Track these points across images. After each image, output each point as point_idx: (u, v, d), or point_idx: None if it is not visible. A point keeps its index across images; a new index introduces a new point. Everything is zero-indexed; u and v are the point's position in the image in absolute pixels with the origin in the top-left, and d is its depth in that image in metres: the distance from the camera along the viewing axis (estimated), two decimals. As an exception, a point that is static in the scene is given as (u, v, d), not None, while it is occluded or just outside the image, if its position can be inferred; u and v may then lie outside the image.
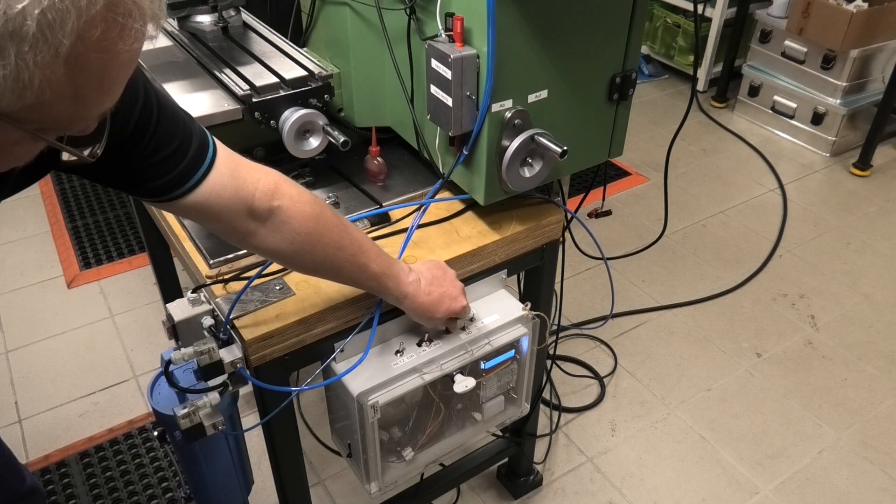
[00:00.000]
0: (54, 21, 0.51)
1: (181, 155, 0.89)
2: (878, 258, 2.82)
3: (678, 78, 4.08)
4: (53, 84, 0.54)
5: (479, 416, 1.39)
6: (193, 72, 1.41)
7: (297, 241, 1.01)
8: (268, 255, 1.06)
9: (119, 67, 0.59)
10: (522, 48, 1.15)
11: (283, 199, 0.99)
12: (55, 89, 0.55)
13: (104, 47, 0.55)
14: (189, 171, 0.90)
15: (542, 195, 1.39)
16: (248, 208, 0.97)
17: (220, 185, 0.93)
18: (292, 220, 1.00)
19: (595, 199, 1.65)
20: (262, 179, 0.98)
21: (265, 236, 1.00)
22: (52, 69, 0.53)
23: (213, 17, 1.54)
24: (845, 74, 3.29)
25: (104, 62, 0.57)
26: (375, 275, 1.10)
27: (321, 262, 1.06)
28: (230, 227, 0.98)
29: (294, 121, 1.28)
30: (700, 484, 1.98)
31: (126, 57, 0.59)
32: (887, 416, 2.18)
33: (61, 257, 2.73)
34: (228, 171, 0.94)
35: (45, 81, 0.54)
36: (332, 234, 1.04)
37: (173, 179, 0.89)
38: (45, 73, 0.53)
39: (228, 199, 0.94)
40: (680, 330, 2.47)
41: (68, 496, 1.91)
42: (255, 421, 1.41)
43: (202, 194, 0.92)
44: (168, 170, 0.88)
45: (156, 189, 0.90)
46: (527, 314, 1.32)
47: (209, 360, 1.09)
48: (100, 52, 0.56)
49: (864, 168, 3.32)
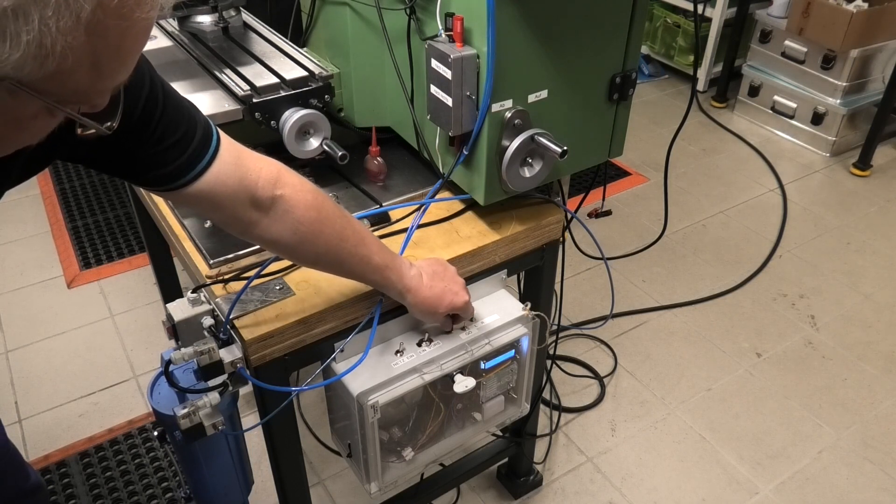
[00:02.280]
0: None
1: (186, 143, 0.89)
2: (878, 258, 2.82)
3: (678, 78, 4.08)
4: (74, 51, 0.55)
5: (479, 416, 1.39)
6: (194, 72, 1.41)
7: (301, 230, 1.01)
8: (271, 245, 1.05)
9: (135, 36, 0.60)
10: (522, 48, 1.15)
11: (285, 188, 0.99)
12: (76, 56, 0.55)
13: (123, 14, 0.56)
14: (194, 159, 0.90)
15: (542, 195, 1.39)
16: (251, 197, 0.97)
17: (225, 173, 0.93)
18: (295, 209, 1.00)
19: (595, 199, 1.65)
20: (265, 168, 0.98)
21: (268, 225, 1.00)
22: (74, 35, 0.54)
23: (214, 18, 1.55)
24: (845, 74, 3.29)
25: (122, 29, 0.58)
26: (378, 267, 1.10)
27: (324, 253, 1.05)
28: (233, 216, 0.98)
29: (294, 121, 1.28)
30: (700, 484, 1.98)
31: (142, 25, 0.59)
32: (887, 416, 2.18)
33: (61, 257, 2.73)
34: (232, 159, 0.94)
35: (67, 48, 0.54)
36: (334, 224, 1.04)
37: (179, 167, 0.89)
38: (67, 38, 0.54)
39: (233, 188, 0.94)
40: (680, 330, 2.47)
41: (68, 496, 1.91)
42: (255, 421, 1.41)
43: (207, 182, 0.92)
44: (174, 158, 0.88)
45: (162, 177, 0.90)
46: (527, 314, 1.32)
47: (209, 360, 1.09)
48: (118, 18, 0.56)
49: (864, 168, 3.32)
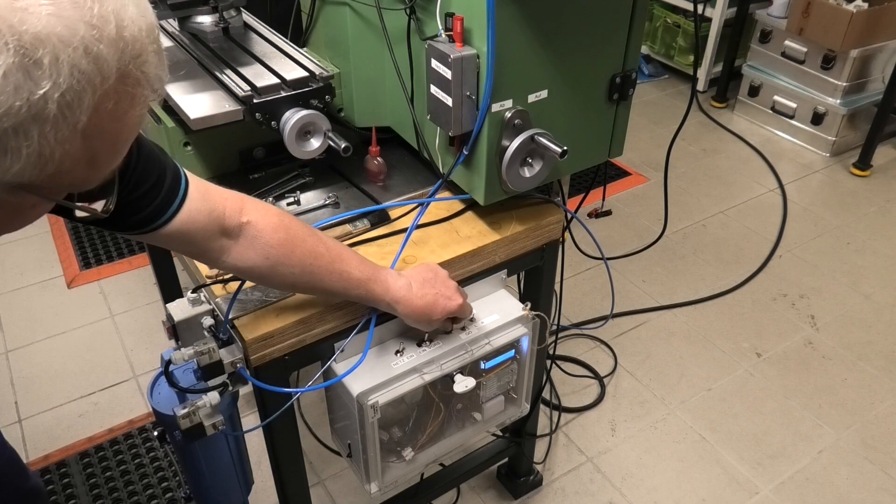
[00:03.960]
0: (73, 101, 0.54)
1: (158, 187, 0.91)
2: (878, 258, 2.82)
3: (678, 78, 4.08)
4: (72, 155, 0.58)
5: (479, 416, 1.39)
6: (194, 73, 1.41)
7: (272, 253, 1.02)
8: (245, 273, 1.07)
9: (130, 130, 0.63)
10: (522, 48, 1.15)
11: (251, 214, 1.02)
12: (73, 159, 0.58)
13: (117, 117, 0.59)
14: (167, 202, 0.93)
15: (542, 195, 1.39)
16: (220, 227, 0.99)
17: (196, 209, 0.96)
18: (263, 234, 1.02)
19: (595, 199, 1.65)
20: (230, 199, 1.01)
21: (240, 253, 1.02)
22: (71, 142, 0.57)
23: (214, 18, 1.54)
24: (845, 74, 3.29)
25: (117, 129, 0.61)
26: (360, 281, 1.09)
27: (299, 274, 1.05)
28: (205, 248, 1.00)
29: (295, 122, 1.28)
30: (700, 484, 1.98)
31: (136, 121, 0.62)
32: (887, 416, 2.18)
33: (61, 257, 2.73)
34: (200, 195, 0.97)
35: (65, 154, 0.57)
36: (304, 242, 1.05)
37: (153, 211, 0.92)
38: (65, 146, 0.56)
39: (203, 222, 0.97)
40: (680, 330, 2.47)
41: (68, 496, 1.91)
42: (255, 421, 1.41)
43: (181, 221, 0.95)
44: (148, 203, 0.91)
45: (137, 223, 0.92)
46: (527, 314, 1.32)
47: (209, 360, 1.09)
48: (114, 121, 0.59)
49: (864, 168, 3.32)
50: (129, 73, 0.58)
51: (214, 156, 1.40)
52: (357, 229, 1.31)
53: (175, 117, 1.36)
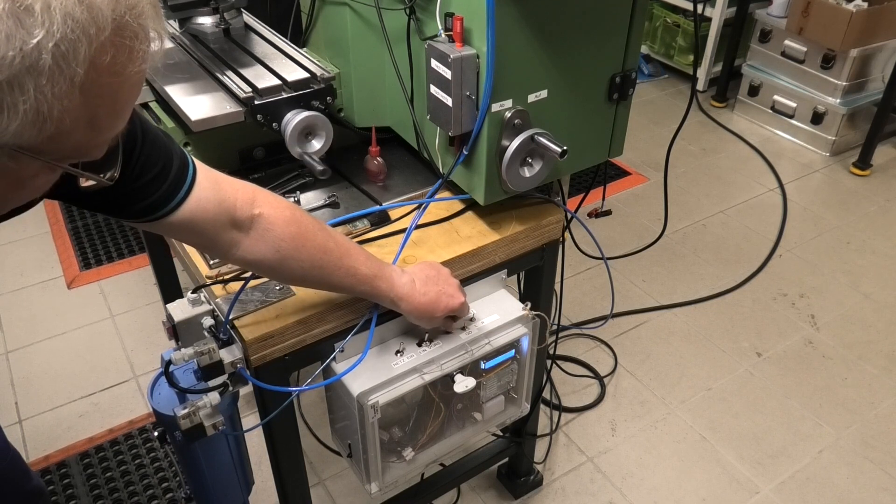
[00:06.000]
0: (68, 52, 0.53)
1: (165, 174, 0.90)
2: (878, 258, 2.82)
3: (678, 78, 4.08)
4: (71, 112, 0.56)
5: (480, 416, 1.39)
6: (195, 74, 1.41)
7: (283, 247, 1.01)
8: (255, 266, 1.06)
9: (129, 89, 0.61)
10: (522, 48, 1.15)
11: (262, 207, 1.00)
12: (73, 117, 0.56)
13: (115, 71, 0.57)
14: (174, 189, 0.91)
15: (542, 195, 1.39)
16: (231, 218, 0.98)
17: (204, 198, 0.94)
18: (274, 226, 1.00)
19: (595, 198, 1.65)
20: (241, 190, 1.00)
21: (250, 245, 1.00)
22: (69, 98, 0.55)
23: (215, 19, 1.55)
24: (845, 74, 3.29)
25: (116, 85, 0.59)
26: (366, 277, 1.09)
27: (308, 269, 1.05)
28: (215, 239, 0.98)
29: (296, 123, 1.28)
30: (700, 484, 1.98)
31: (135, 78, 0.60)
32: (887, 415, 2.18)
33: (61, 258, 2.73)
34: (209, 184, 0.96)
35: (63, 111, 0.55)
36: (315, 237, 1.04)
37: (160, 198, 0.90)
38: (63, 102, 0.55)
39: (213, 212, 0.95)
40: (680, 330, 2.47)
41: (69, 496, 1.91)
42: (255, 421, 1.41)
43: (188, 210, 0.93)
44: (154, 190, 0.90)
45: (144, 210, 0.91)
46: (527, 314, 1.32)
47: (209, 360, 1.09)
48: (112, 76, 0.57)
49: (864, 167, 3.32)
50: (126, 24, 0.57)
51: (214, 156, 1.40)
52: (357, 229, 1.31)
53: (175, 118, 1.36)
